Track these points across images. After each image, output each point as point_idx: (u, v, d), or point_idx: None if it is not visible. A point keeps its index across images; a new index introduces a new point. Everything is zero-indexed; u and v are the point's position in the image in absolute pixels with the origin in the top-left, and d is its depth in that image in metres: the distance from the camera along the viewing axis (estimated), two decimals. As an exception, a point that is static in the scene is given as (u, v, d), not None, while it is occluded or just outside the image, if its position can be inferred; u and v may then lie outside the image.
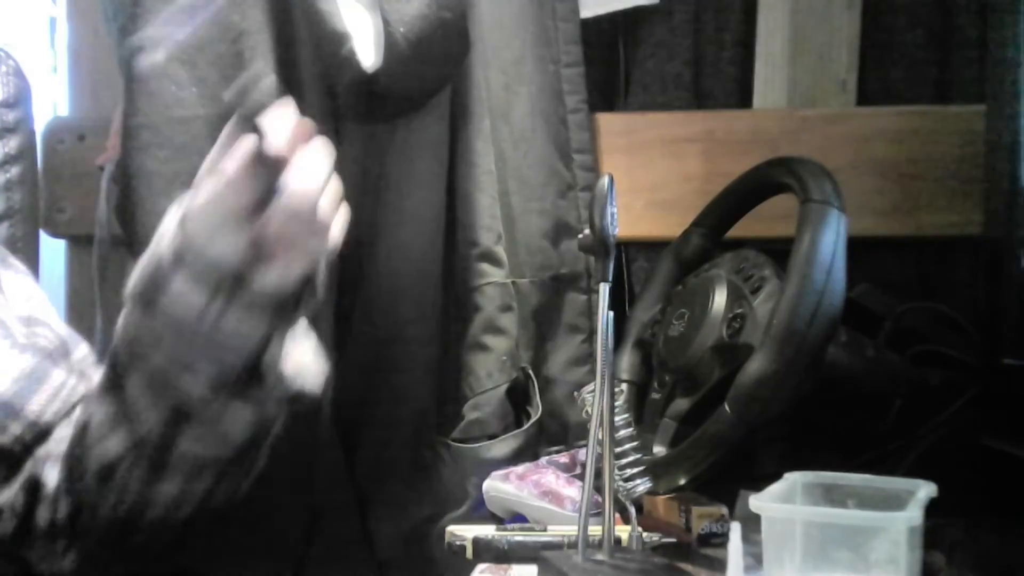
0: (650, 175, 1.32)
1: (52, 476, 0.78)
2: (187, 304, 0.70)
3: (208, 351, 0.72)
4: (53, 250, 1.40)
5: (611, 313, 0.84)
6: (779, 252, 1.00)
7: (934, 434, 1.06)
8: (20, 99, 1.05)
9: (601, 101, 1.35)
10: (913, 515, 0.74)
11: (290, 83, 1.16)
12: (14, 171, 1.04)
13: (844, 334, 1.01)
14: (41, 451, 0.79)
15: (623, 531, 0.90)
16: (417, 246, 1.22)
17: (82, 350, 0.87)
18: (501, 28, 1.25)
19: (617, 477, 0.89)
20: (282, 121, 0.70)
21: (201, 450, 0.76)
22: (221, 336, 0.71)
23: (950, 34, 1.31)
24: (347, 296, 1.23)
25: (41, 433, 0.79)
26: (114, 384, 0.75)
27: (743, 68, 1.34)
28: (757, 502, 0.77)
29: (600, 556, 0.83)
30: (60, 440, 0.79)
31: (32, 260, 1.07)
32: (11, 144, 1.04)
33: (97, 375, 0.81)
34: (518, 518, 1.04)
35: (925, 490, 0.80)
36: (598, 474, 0.84)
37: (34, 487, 0.79)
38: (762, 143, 1.27)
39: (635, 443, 0.92)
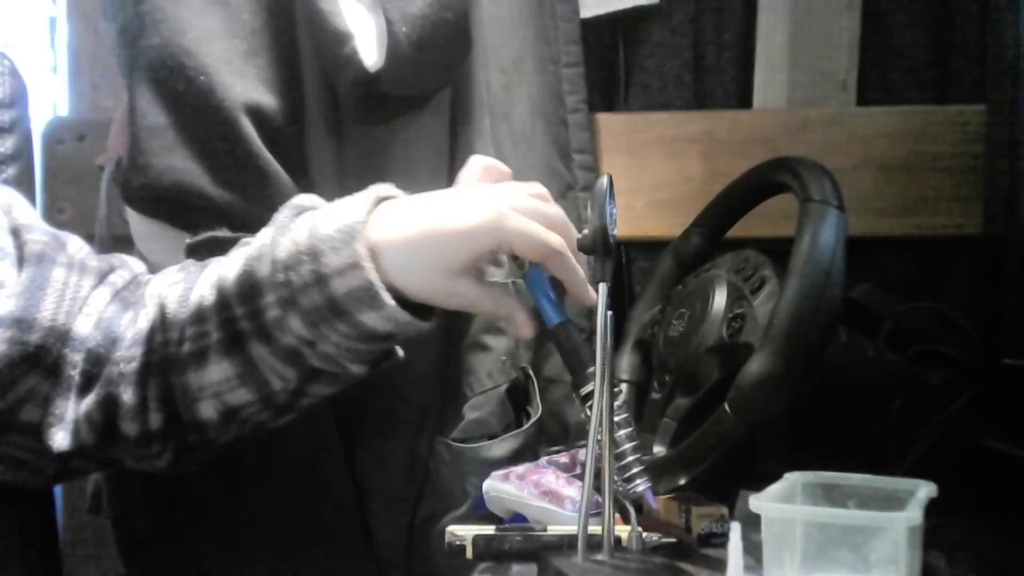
0: (650, 175, 1.32)
1: (129, 394, 0.83)
2: (381, 322, 0.76)
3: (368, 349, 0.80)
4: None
5: (611, 313, 0.84)
6: (779, 252, 1.00)
7: (934, 434, 1.06)
8: (16, 99, 1.05)
9: (601, 101, 1.35)
10: (913, 515, 0.74)
11: (291, 82, 1.16)
12: (10, 171, 1.04)
13: (844, 334, 1.01)
14: (111, 371, 0.83)
15: (623, 531, 0.90)
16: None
17: (75, 243, 0.88)
18: (501, 28, 1.25)
19: (617, 477, 0.89)
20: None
21: (325, 392, 0.85)
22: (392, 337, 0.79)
23: (950, 34, 1.31)
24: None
25: (62, 334, 0.82)
26: (231, 349, 0.80)
27: (743, 68, 1.34)
28: (757, 502, 0.77)
29: (600, 556, 0.83)
30: (129, 360, 0.83)
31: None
32: (7, 144, 1.04)
33: (93, 258, 0.87)
34: (518, 518, 1.04)
35: (925, 490, 0.80)
36: (598, 474, 0.84)
37: (111, 404, 0.83)
38: (762, 143, 1.28)
39: (635, 443, 0.92)
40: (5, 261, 0.83)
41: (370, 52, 1.13)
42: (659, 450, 1.02)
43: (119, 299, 0.85)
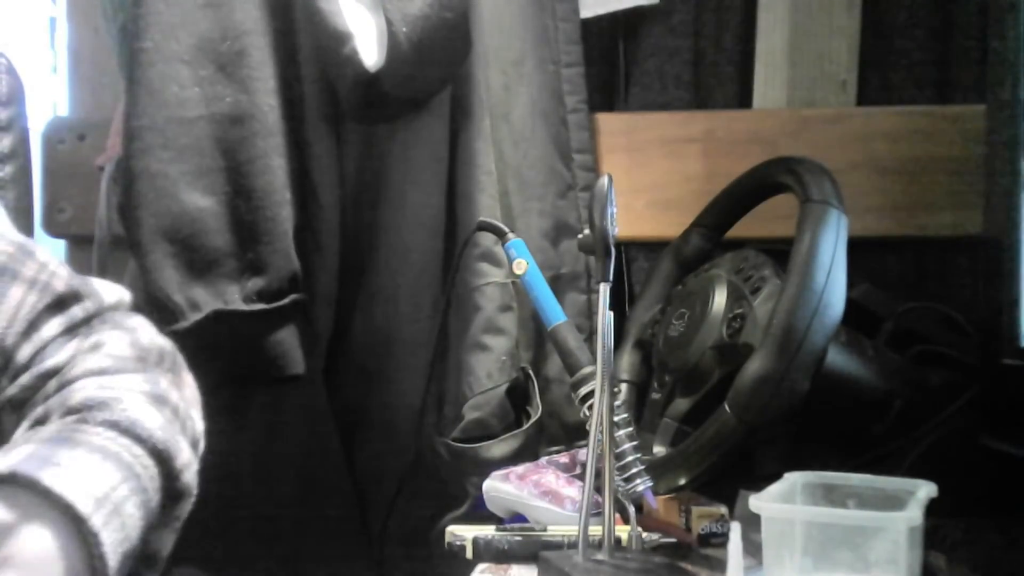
0: (650, 175, 1.32)
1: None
2: None
3: None
4: (53, 250, 1.40)
5: (611, 313, 0.84)
6: (779, 252, 1.00)
7: (934, 434, 1.06)
8: (13, 97, 1.05)
9: (601, 101, 1.35)
10: (913, 515, 0.74)
11: (291, 83, 1.17)
12: (7, 169, 1.04)
13: (844, 334, 1.01)
14: (34, 409, 0.74)
15: (623, 531, 0.90)
16: (417, 246, 1.22)
17: (43, 254, 0.80)
18: (501, 28, 1.25)
19: (617, 477, 0.89)
20: None
21: None
22: None
23: (950, 34, 1.31)
24: (347, 295, 1.24)
25: (5, 354, 0.74)
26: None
27: (743, 68, 1.34)
28: (757, 502, 0.77)
29: (600, 556, 0.83)
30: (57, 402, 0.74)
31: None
32: (4, 143, 1.04)
33: (61, 279, 0.77)
34: (518, 518, 1.04)
35: (925, 490, 0.80)
36: (598, 474, 0.84)
37: None
38: (762, 143, 1.27)
39: (635, 443, 0.92)
40: None
41: (370, 52, 1.13)
42: (659, 450, 1.02)
43: (68, 334, 0.77)
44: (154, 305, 1.10)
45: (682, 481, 0.96)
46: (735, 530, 0.73)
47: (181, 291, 1.11)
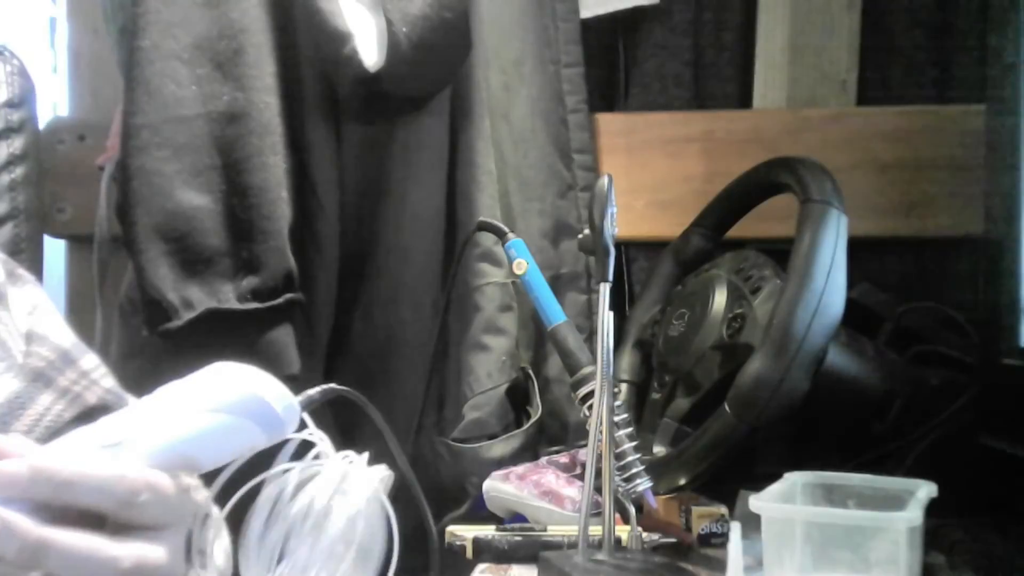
0: (650, 175, 1.32)
1: None
2: None
3: None
4: (53, 250, 1.40)
5: (611, 313, 0.84)
6: (779, 252, 1.00)
7: (934, 434, 1.06)
8: (25, 99, 1.05)
9: (601, 101, 1.35)
10: (913, 515, 0.74)
11: (291, 82, 1.16)
12: (19, 171, 1.04)
13: (844, 334, 1.01)
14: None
15: (623, 531, 0.90)
16: (417, 246, 1.22)
17: (89, 360, 0.80)
18: (501, 28, 1.25)
19: (617, 477, 0.89)
20: None
21: None
22: None
23: (950, 34, 1.31)
24: (347, 296, 1.23)
25: None
26: None
27: (743, 68, 1.34)
28: (757, 502, 0.77)
29: (600, 556, 0.83)
30: None
31: (36, 261, 1.06)
32: (16, 144, 1.03)
33: (97, 390, 0.77)
34: (518, 518, 1.04)
35: (925, 490, 0.80)
36: (598, 474, 0.84)
37: None
38: (762, 143, 1.27)
39: (635, 443, 0.92)
40: (8, 373, 0.75)
41: (370, 52, 1.13)
42: (659, 450, 1.02)
43: None
44: (148, 304, 1.10)
45: (682, 481, 0.96)
46: (735, 530, 0.73)
47: (175, 290, 1.10)
